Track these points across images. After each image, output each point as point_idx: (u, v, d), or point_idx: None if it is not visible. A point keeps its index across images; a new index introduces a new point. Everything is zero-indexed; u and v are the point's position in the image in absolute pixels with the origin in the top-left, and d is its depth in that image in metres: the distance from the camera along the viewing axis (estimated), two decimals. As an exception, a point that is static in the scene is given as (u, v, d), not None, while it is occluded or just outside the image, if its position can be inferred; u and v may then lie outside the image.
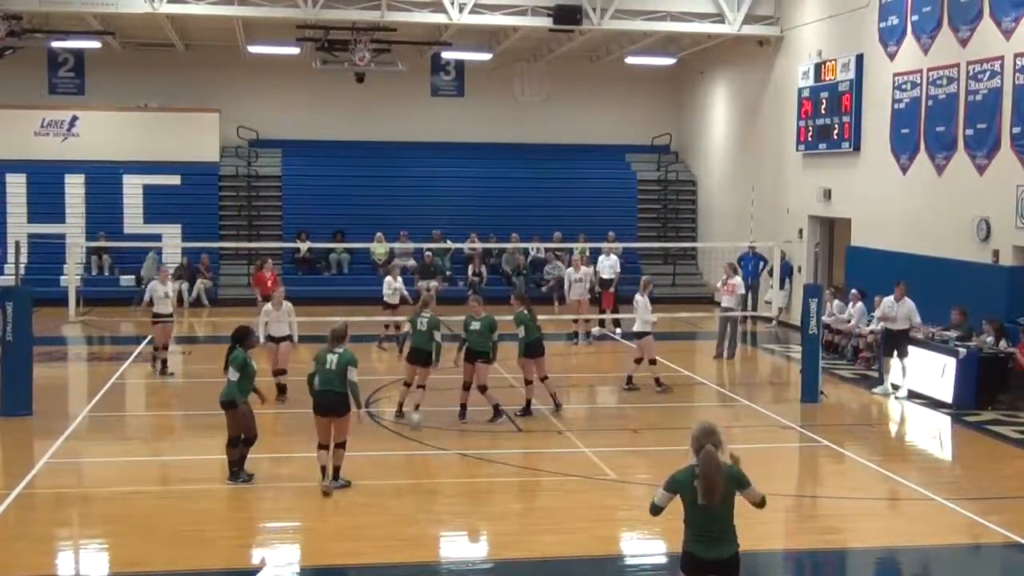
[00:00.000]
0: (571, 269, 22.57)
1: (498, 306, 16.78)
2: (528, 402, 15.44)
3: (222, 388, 12.25)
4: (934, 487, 12.37)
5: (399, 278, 21.59)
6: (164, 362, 18.78)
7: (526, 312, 15.33)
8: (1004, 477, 13.21)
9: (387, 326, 21.12)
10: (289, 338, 16.47)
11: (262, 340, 15.96)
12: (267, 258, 23.61)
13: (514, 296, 15.88)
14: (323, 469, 11.73)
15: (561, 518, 11.29)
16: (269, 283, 21.35)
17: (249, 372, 12.13)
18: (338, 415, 11.62)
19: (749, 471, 7.16)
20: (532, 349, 15.28)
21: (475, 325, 14.96)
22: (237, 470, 12.12)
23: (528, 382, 15.41)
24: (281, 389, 16.22)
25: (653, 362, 17.38)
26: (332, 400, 11.59)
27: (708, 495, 6.98)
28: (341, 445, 11.75)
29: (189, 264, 28.06)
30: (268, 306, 16.75)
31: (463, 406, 15.05)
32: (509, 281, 28.95)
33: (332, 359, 11.61)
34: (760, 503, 7.28)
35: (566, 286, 22.56)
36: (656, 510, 7.27)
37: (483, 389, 15.00)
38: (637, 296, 17.47)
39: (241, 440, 12.14)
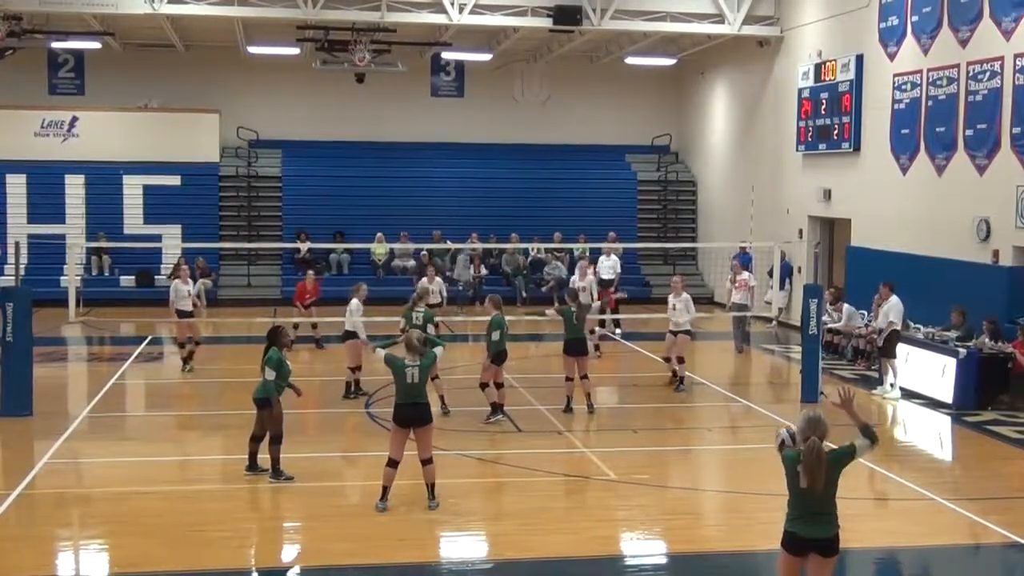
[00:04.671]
0: (576, 276, 21.91)
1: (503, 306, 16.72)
2: (495, 406, 15.26)
3: (256, 386, 12.34)
4: (934, 487, 12.38)
5: (436, 279, 21.48)
6: (191, 355, 19.04)
7: (503, 318, 15.33)
8: (1004, 477, 13.22)
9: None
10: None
11: (363, 338, 16.57)
12: (308, 270, 23.55)
13: (490, 301, 15.61)
14: (384, 489, 11.22)
15: (561, 518, 11.30)
16: (308, 295, 21.77)
17: (284, 372, 12.30)
18: (421, 424, 11.22)
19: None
20: (503, 356, 15.24)
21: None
22: (277, 468, 12.23)
23: (499, 385, 15.32)
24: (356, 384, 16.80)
25: (681, 360, 17.89)
26: (417, 412, 11.21)
27: (811, 483, 7.34)
28: (430, 461, 11.28)
29: (186, 264, 27.97)
30: (353, 300, 16.87)
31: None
32: (509, 281, 28.98)
33: (413, 373, 11.15)
34: (872, 442, 7.57)
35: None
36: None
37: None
38: (685, 294, 18.02)
39: (269, 438, 12.24)
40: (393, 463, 11.21)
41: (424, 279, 20.57)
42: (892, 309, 17.48)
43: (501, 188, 31.11)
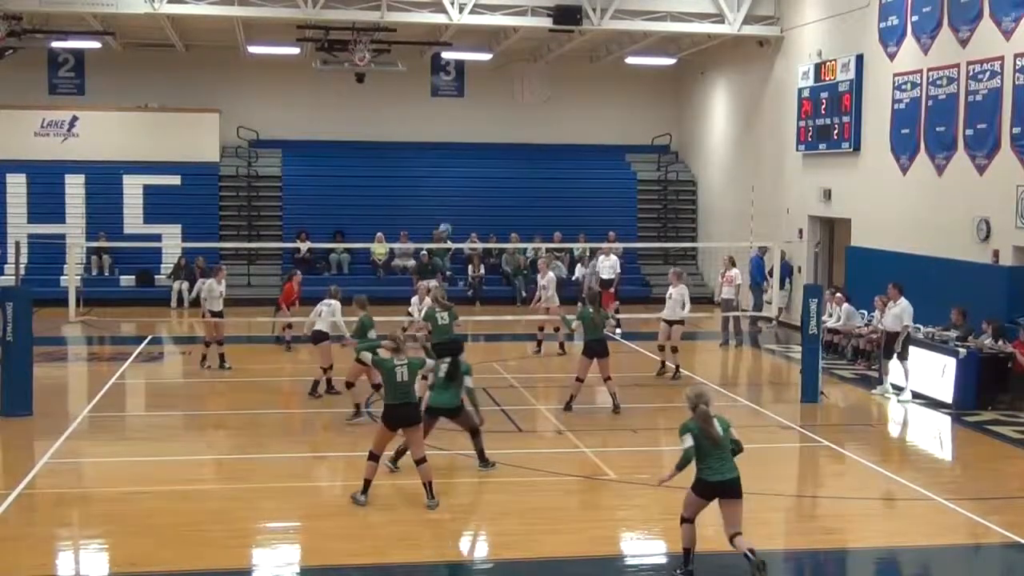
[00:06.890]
0: (539, 276, 21.44)
1: (498, 305, 16.75)
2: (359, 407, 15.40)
3: (447, 394, 12.43)
4: (934, 487, 12.37)
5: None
6: (221, 356, 19.07)
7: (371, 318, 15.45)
8: (1004, 477, 13.22)
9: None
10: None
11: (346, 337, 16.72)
12: (295, 271, 23.39)
13: (357, 303, 15.58)
14: (367, 483, 11.35)
15: (561, 518, 11.29)
16: (295, 296, 21.72)
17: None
18: (410, 425, 11.38)
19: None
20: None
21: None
22: (484, 457, 12.75)
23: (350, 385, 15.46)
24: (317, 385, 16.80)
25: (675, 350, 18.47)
26: (406, 412, 11.38)
27: (712, 440, 9.13)
28: (424, 460, 11.37)
29: (186, 264, 28.00)
30: (334, 302, 17.02)
31: None
32: (509, 281, 28.97)
33: (402, 371, 11.33)
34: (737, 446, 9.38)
35: (537, 292, 21.44)
36: (688, 456, 9.15)
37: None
38: (683, 286, 18.68)
39: (471, 432, 12.69)
40: (374, 457, 11.40)
41: (422, 282, 20.43)
42: (904, 312, 17.34)
43: (501, 188, 31.10)
